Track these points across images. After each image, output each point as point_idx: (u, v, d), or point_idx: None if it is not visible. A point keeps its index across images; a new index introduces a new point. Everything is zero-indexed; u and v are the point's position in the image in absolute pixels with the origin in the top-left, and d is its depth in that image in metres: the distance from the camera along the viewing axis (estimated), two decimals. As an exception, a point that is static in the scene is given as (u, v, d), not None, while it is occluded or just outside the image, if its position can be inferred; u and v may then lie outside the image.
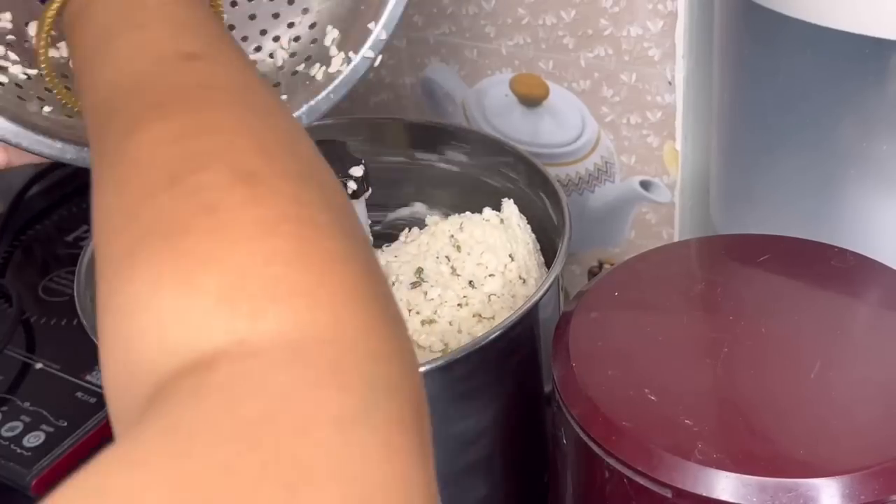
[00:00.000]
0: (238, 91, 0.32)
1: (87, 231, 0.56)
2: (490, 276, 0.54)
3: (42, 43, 0.41)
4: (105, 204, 0.29)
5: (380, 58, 0.48)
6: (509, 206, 0.58)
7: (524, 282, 0.55)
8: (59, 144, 0.41)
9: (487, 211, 0.58)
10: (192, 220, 0.26)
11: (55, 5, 0.38)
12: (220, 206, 0.26)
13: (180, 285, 0.25)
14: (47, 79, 0.41)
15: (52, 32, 0.40)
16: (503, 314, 0.53)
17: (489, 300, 0.54)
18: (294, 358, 0.24)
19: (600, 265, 0.69)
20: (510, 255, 0.55)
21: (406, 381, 0.25)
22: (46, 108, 0.43)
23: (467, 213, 0.59)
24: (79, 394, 0.62)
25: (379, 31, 0.47)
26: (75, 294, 0.53)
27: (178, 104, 0.30)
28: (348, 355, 0.24)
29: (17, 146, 0.40)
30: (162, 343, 0.25)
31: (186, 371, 0.24)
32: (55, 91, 0.42)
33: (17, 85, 0.43)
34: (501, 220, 0.58)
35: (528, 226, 0.58)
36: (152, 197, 0.28)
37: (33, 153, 0.41)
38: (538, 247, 0.58)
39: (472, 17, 0.64)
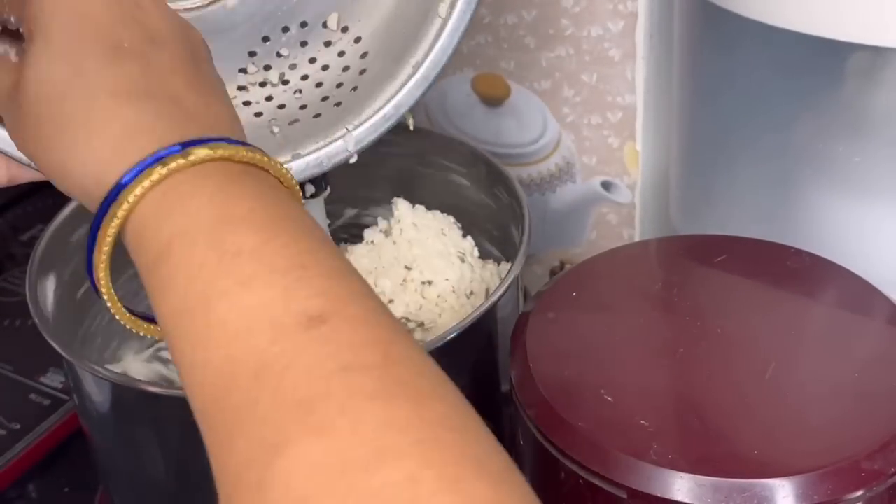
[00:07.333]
0: (380, 364, 0.27)
1: (42, 230, 0.55)
2: (389, 302, 0.52)
3: (102, 274, 0.33)
4: None
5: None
6: (400, 204, 0.58)
7: (430, 283, 0.54)
8: None
9: (368, 231, 0.57)
10: None
11: (111, 232, 0.31)
12: None
13: None
14: (112, 310, 0.34)
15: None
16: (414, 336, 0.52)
17: None
18: None
19: (562, 265, 0.68)
20: (406, 267, 0.54)
21: None
22: None
23: (345, 245, 0.58)
24: (32, 395, 0.61)
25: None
26: (27, 294, 0.52)
27: (322, 405, 0.26)
28: None
29: (17, 159, 0.38)
30: None
31: None
32: (119, 318, 0.35)
33: None
34: (386, 234, 0.56)
35: (437, 211, 0.57)
36: None
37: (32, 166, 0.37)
38: (458, 225, 0.57)
39: (434, 17, 0.64)
